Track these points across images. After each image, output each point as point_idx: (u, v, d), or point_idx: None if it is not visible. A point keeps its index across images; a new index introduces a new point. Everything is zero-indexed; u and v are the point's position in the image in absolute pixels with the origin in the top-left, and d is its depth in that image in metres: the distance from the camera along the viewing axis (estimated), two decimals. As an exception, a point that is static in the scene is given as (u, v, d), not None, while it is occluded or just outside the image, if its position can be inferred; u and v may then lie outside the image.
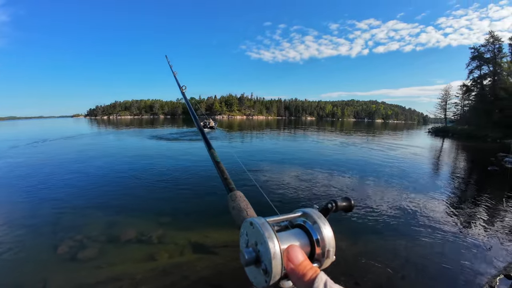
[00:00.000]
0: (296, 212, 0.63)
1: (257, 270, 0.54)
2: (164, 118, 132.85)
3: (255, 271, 0.55)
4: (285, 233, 0.58)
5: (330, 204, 0.65)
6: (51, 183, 8.73)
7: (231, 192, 0.86)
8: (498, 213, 6.92)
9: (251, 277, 0.56)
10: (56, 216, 6.12)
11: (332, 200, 0.66)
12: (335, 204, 0.65)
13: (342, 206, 0.66)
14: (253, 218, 0.57)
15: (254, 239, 0.55)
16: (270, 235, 0.52)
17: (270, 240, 0.51)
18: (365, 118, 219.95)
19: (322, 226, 0.58)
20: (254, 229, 0.55)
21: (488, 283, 3.97)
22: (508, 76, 37.88)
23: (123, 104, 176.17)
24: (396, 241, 5.24)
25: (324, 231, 0.57)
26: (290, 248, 0.53)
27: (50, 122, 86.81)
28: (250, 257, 0.53)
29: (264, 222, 0.55)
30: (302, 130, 44.05)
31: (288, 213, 0.64)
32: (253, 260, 0.53)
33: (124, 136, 27.23)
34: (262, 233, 0.52)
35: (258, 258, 0.53)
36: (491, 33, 40.33)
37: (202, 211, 6.61)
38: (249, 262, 0.53)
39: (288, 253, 0.52)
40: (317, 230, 0.58)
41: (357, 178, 10.05)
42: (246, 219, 0.59)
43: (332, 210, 0.65)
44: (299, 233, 0.59)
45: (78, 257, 4.46)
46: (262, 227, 0.53)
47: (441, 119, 56.84)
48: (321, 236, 0.57)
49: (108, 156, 14.38)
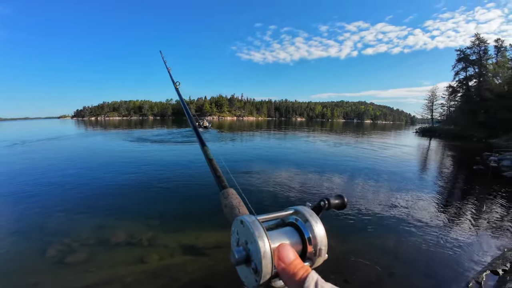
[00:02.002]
0: (288, 210, 0.62)
1: (248, 269, 0.53)
2: (153, 119, 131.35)
3: (245, 271, 0.54)
4: (276, 232, 0.57)
5: (322, 202, 0.64)
6: (36, 186, 8.52)
7: (223, 190, 0.84)
8: (483, 211, 7.09)
9: (242, 277, 0.55)
10: (43, 220, 5.99)
11: (325, 197, 0.65)
12: (328, 202, 0.64)
13: (335, 204, 0.65)
14: (244, 216, 0.56)
15: (244, 238, 0.54)
16: (260, 233, 0.51)
17: (260, 239, 0.50)
18: (355, 119, 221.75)
19: (314, 224, 0.57)
20: (244, 227, 0.54)
21: (475, 278, 4.06)
22: (493, 78, 38.93)
23: (111, 105, 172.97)
24: (385, 239, 5.32)
25: (316, 230, 0.57)
26: (281, 247, 0.52)
27: (36, 124, 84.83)
28: (240, 256, 0.52)
29: (254, 220, 0.54)
30: (293, 130, 44.27)
31: (280, 211, 0.63)
32: (244, 259, 0.52)
33: (112, 137, 26.78)
34: (252, 232, 0.51)
35: (248, 257, 0.52)
36: (477, 35, 41.39)
37: (192, 212, 6.57)
38: (239, 261, 0.52)
39: (279, 252, 0.51)
40: (309, 228, 0.57)
41: (346, 177, 10.15)
42: (237, 217, 0.58)
43: (324, 208, 0.64)
44: (291, 231, 0.58)
45: (67, 261, 4.38)
46: (252, 226, 0.52)
47: (428, 119, 57.95)
48: (313, 235, 0.56)
49: (96, 158, 14.16)
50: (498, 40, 41.01)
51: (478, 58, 40.72)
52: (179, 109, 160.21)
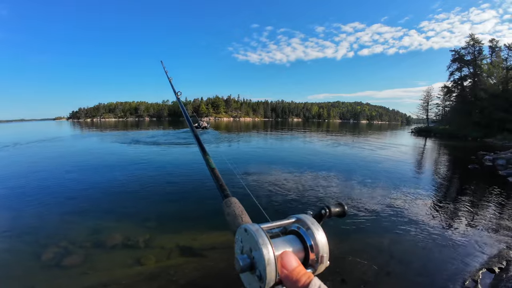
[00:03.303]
0: (290, 218, 0.64)
1: (252, 276, 0.54)
2: (149, 121, 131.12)
3: (250, 278, 0.55)
4: (279, 240, 0.58)
5: (323, 210, 0.67)
6: (30, 189, 8.43)
7: (226, 199, 0.85)
8: (479, 210, 7.15)
9: (246, 284, 0.56)
10: (39, 223, 5.93)
11: (326, 206, 0.67)
12: (329, 210, 0.67)
13: (335, 212, 0.68)
14: (248, 225, 0.58)
15: (248, 246, 0.55)
16: (264, 241, 0.52)
17: (264, 246, 0.51)
18: (351, 119, 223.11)
19: (316, 232, 0.59)
20: (248, 235, 0.55)
21: (471, 276, 4.09)
22: (488, 77, 39.32)
23: (107, 106, 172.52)
24: (381, 239, 5.34)
25: (318, 237, 0.58)
26: (284, 254, 0.54)
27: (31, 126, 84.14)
28: (245, 263, 0.54)
29: (258, 228, 0.56)
30: (290, 131, 44.34)
31: (282, 219, 0.65)
32: (248, 267, 0.54)
33: (108, 138, 26.63)
34: (256, 240, 0.53)
35: (252, 264, 0.53)
36: (472, 36, 41.73)
37: (189, 214, 6.55)
38: (244, 268, 0.54)
39: (282, 259, 0.52)
40: (310, 236, 0.58)
41: (343, 178, 10.16)
42: (241, 226, 0.59)
43: (325, 216, 0.66)
44: (293, 239, 0.59)
45: (63, 264, 4.34)
46: (256, 234, 0.54)
47: (423, 119, 58.37)
48: (314, 242, 0.58)
49: (91, 160, 14.06)
50: (492, 40, 41.33)
51: (473, 58, 41.08)
52: (176, 111, 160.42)
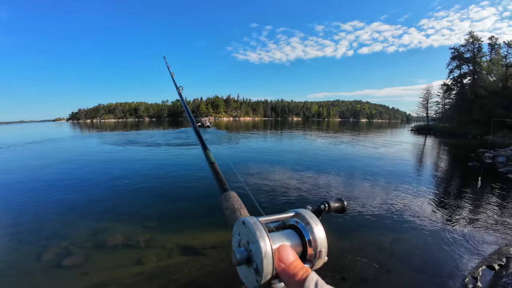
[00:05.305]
0: (289, 213, 0.64)
1: (249, 269, 0.53)
2: (149, 121, 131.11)
3: (246, 271, 0.54)
4: (277, 233, 0.58)
5: (323, 205, 0.66)
6: (31, 190, 8.44)
7: (225, 193, 0.85)
8: (478, 207, 7.16)
9: (243, 277, 0.56)
10: (40, 223, 5.95)
11: (325, 201, 0.67)
12: (328, 205, 0.66)
13: (334, 207, 0.67)
14: (246, 218, 0.57)
15: (246, 239, 0.55)
16: (262, 234, 0.52)
17: (261, 239, 0.51)
18: (351, 118, 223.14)
19: (315, 226, 0.58)
20: (246, 228, 0.55)
21: (471, 273, 4.09)
22: (487, 75, 39.24)
23: (107, 107, 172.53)
24: (381, 236, 5.35)
25: (316, 232, 0.58)
26: (281, 248, 0.53)
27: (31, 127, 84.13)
28: (242, 256, 0.53)
29: (256, 221, 0.55)
30: (290, 130, 44.34)
31: (281, 213, 0.64)
32: (245, 260, 0.53)
33: (108, 139, 26.57)
34: (254, 232, 0.52)
35: (249, 257, 0.53)
36: (471, 33, 41.67)
37: (189, 214, 6.55)
38: (240, 261, 0.53)
39: (279, 252, 0.52)
40: (309, 231, 0.58)
41: (343, 175, 10.17)
42: (239, 219, 0.59)
43: (325, 211, 0.66)
44: (291, 233, 0.59)
45: (64, 264, 4.35)
46: (254, 226, 0.53)
47: (423, 117, 58.40)
48: (313, 237, 0.57)
49: (91, 160, 14.08)
50: (492, 37, 41.24)
51: (473, 56, 41.04)
52: (175, 111, 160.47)
